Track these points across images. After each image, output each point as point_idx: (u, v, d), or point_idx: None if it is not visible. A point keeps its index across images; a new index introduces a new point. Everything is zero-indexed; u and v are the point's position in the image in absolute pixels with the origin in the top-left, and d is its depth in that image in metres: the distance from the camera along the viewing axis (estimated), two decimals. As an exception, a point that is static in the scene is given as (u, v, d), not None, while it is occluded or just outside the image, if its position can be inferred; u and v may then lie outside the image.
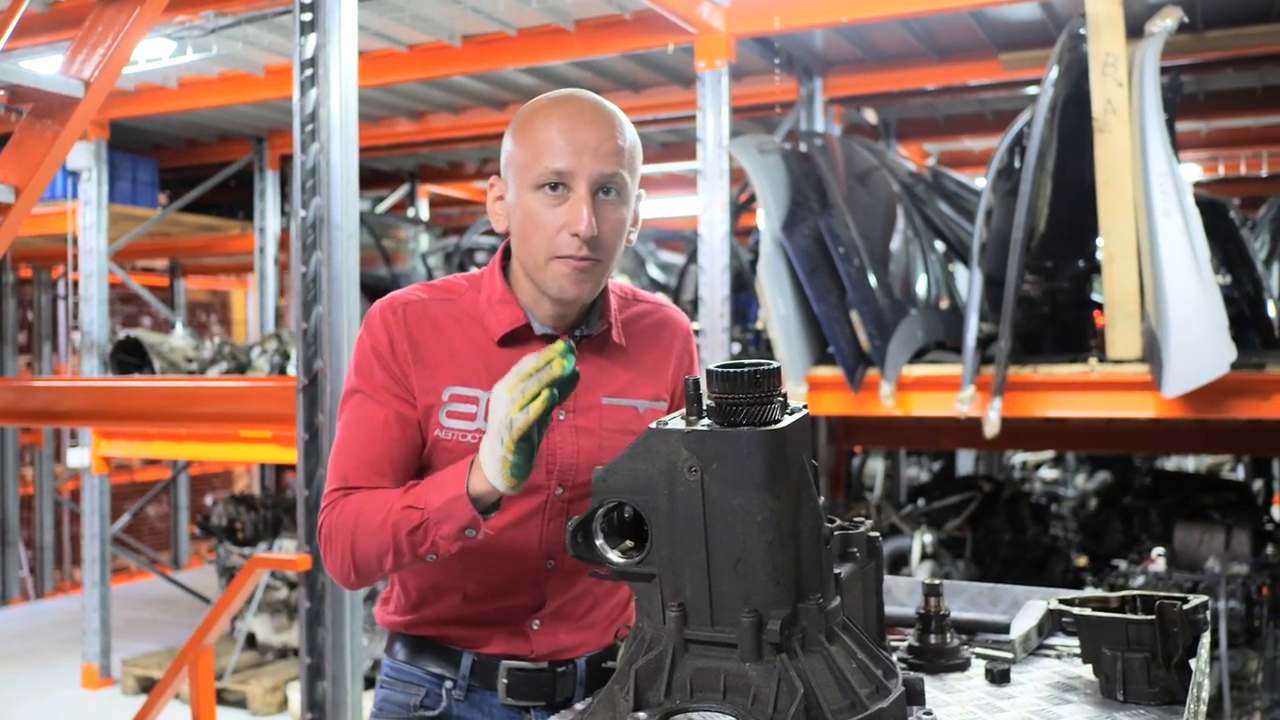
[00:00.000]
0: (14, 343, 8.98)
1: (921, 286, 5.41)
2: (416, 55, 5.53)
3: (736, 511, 1.27)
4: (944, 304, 5.48)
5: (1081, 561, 6.00)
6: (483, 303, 1.72)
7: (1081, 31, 4.08)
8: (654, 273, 9.81)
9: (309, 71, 3.02)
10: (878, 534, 1.52)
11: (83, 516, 6.41)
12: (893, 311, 4.50)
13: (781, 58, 5.62)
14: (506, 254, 1.76)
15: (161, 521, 10.26)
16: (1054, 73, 4.05)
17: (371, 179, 9.07)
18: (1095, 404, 4.18)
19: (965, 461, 8.72)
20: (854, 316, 4.37)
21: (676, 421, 1.33)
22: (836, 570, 1.38)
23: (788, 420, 1.30)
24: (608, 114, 1.66)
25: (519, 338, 1.70)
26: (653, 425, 1.32)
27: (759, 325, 4.97)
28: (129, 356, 6.39)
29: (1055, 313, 4.81)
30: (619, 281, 1.87)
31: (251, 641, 6.37)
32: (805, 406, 1.39)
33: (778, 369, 1.32)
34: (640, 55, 5.56)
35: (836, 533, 1.45)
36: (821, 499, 1.38)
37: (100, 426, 4.95)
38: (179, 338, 6.50)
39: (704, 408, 1.33)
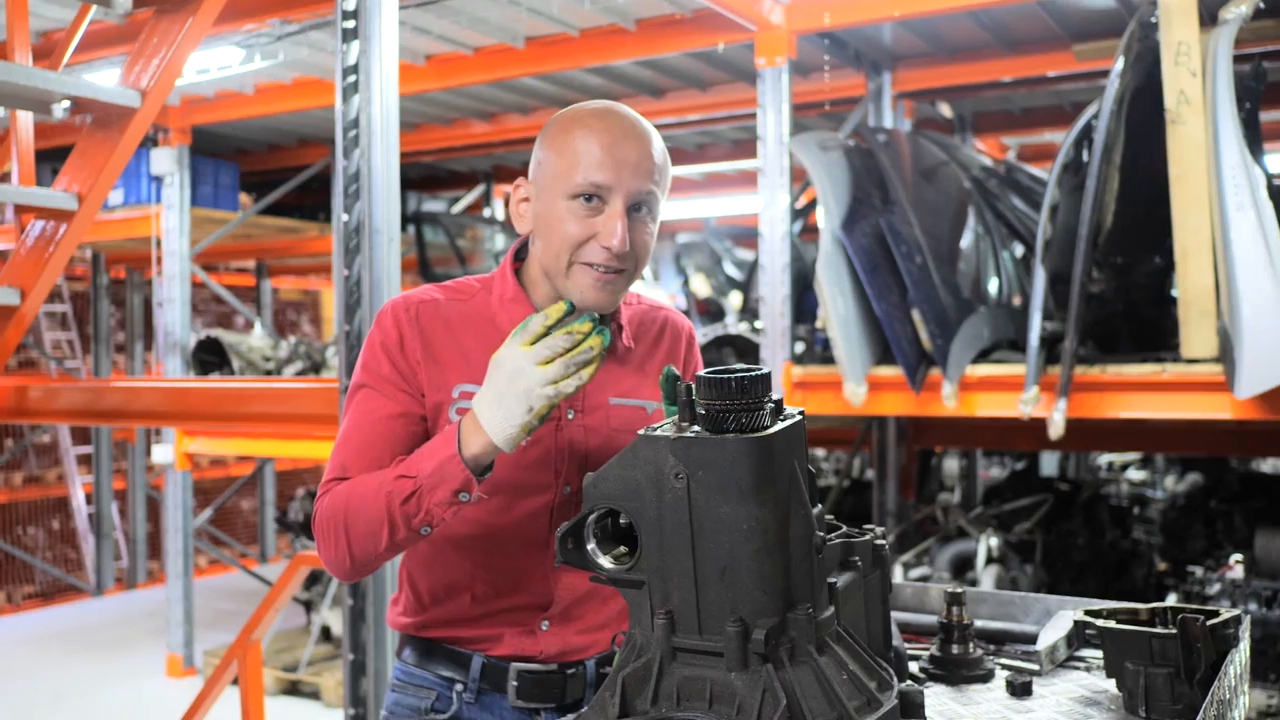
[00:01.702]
0: (108, 342, 9.31)
1: (993, 284, 5.30)
2: (482, 57, 5.58)
3: (723, 519, 1.25)
4: (1017, 302, 5.35)
5: (1164, 567, 5.82)
6: (494, 302, 1.74)
7: (1152, 20, 3.95)
8: (730, 270, 9.77)
9: (351, 78, 3.05)
10: (884, 542, 1.49)
11: (165, 511, 6.61)
12: (957, 310, 4.41)
13: (849, 53, 5.56)
14: (516, 256, 1.77)
15: (254, 515, 10.55)
16: (1120, 64, 3.93)
17: (448, 179, 9.20)
18: (1168, 405, 4.05)
19: (1049, 462, 8.52)
20: (915, 315, 4.29)
21: (667, 428, 1.32)
22: (833, 579, 1.36)
23: (777, 427, 1.28)
24: (645, 131, 1.67)
25: None
26: (642, 432, 1.31)
27: (819, 324, 4.91)
28: (210, 356, 6.58)
29: (1131, 310, 4.67)
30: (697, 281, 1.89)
31: (327, 634, 6.51)
32: (801, 413, 1.37)
33: (767, 375, 1.30)
34: (705, 53, 5.53)
35: (839, 541, 1.43)
36: (818, 508, 1.36)
37: (165, 425, 5.08)
38: (258, 337, 6.67)
39: (695, 414, 1.32)
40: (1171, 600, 4.80)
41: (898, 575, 5.06)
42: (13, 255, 2.99)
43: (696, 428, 1.30)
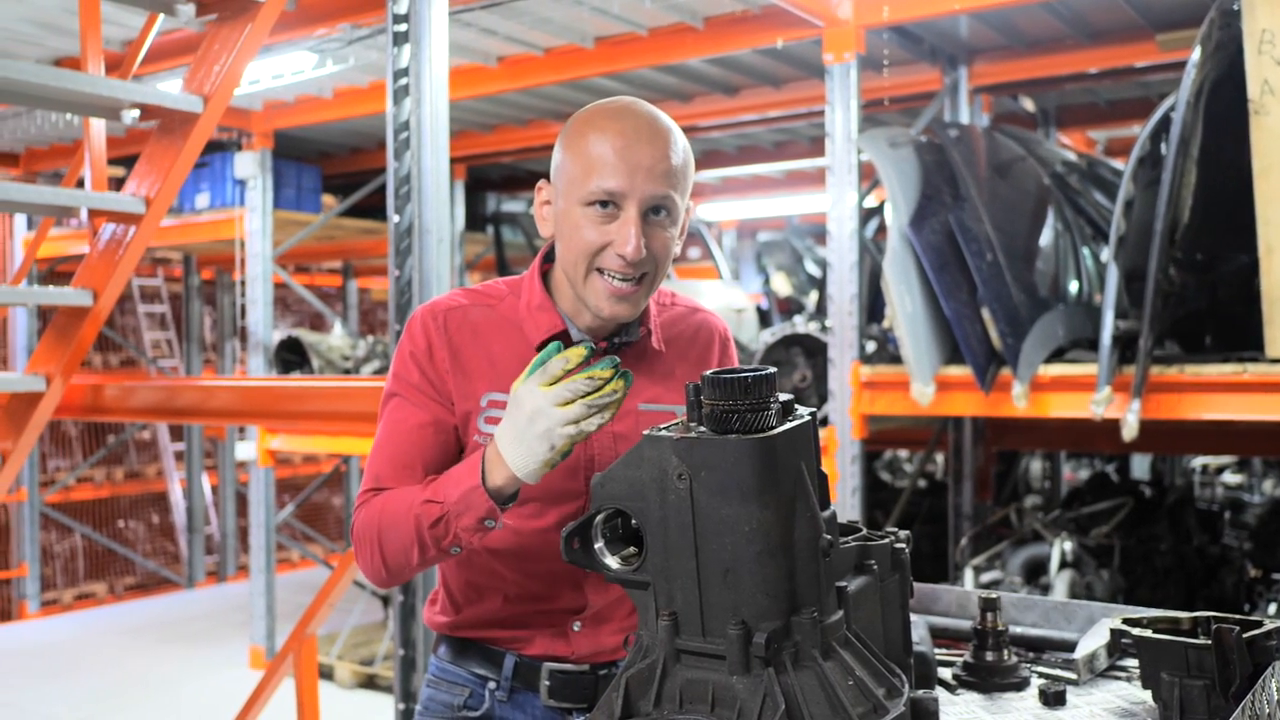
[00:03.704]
0: (199, 341, 9.59)
1: (1073, 282, 5.15)
2: (553, 58, 5.61)
3: (725, 521, 1.24)
4: (1098, 300, 5.20)
5: (1256, 574, 5.61)
6: (522, 309, 1.73)
7: (1234, 8, 3.81)
8: (811, 268, 9.68)
9: (402, 81, 3.10)
10: (904, 545, 1.46)
11: (249, 507, 6.79)
12: (1030, 309, 4.30)
13: (923, 47, 5.46)
14: (546, 258, 1.77)
15: (342, 511, 10.79)
16: (1198, 54, 3.80)
17: (526, 180, 9.28)
18: (1249, 407, 3.90)
19: (1141, 465, 8.27)
20: (985, 314, 4.20)
21: (672, 428, 1.32)
22: (843, 583, 1.33)
23: (781, 428, 1.26)
24: (663, 131, 1.62)
25: None
26: (647, 432, 1.31)
27: (885, 323, 4.83)
28: (292, 355, 6.73)
29: (1217, 309, 4.50)
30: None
31: (404, 629, 6.60)
32: (812, 413, 1.35)
33: (772, 375, 1.28)
34: (776, 50, 5.49)
35: (854, 544, 1.40)
36: (829, 510, 1.33)
37: (233, 423, 5.18)
38: (337, 336, 6.80)
39: (702, 414, 1.31)
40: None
41: (968, 579, 4.95)
42: (86, 258, 3.10)
43: (702, 428, 1.29)
